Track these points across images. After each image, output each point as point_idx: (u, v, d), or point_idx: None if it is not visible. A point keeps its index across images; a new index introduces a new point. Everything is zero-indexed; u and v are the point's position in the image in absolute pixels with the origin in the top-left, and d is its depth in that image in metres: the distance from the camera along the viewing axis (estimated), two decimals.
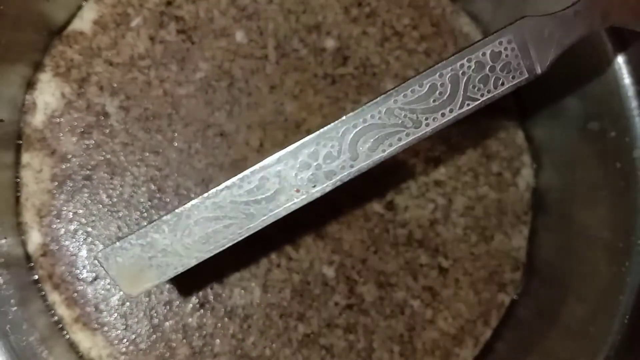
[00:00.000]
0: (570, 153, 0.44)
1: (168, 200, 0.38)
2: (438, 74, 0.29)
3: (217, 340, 0.38)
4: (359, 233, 0.42)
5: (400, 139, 0.29)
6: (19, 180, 0.36)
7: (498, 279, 0.44)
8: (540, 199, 0.46)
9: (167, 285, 0.37)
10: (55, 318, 0.36)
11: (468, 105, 0.29)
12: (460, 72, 0.29)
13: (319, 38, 0.43)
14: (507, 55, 0.29)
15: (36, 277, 0.36)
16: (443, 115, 0.29)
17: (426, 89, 0.29)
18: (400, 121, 0.29)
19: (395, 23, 0.44)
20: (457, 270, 0.43)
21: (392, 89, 0.29)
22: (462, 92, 0.29)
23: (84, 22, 0.38)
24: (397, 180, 0.43)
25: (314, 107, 0.42)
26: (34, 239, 0.36)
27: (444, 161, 0.44)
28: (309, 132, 0.41)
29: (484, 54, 0.29)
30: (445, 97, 0.29)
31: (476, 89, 0.29)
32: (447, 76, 0.29)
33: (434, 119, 0.29)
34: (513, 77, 0.30)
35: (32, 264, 0.36)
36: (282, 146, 0.38)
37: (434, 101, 0.29)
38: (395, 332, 0.41)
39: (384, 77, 0.44)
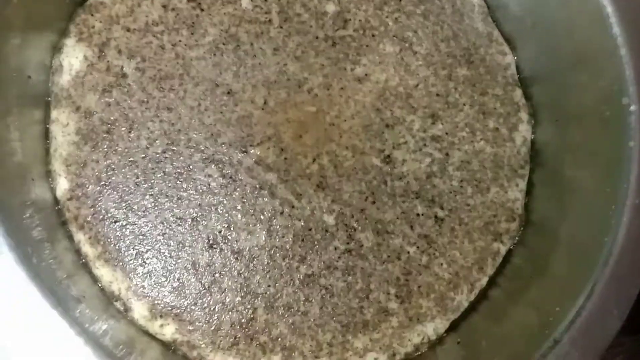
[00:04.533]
0: (564, 109, 0.46)
1: (180, 152, 0.42)
2: None
3: (225, 278, 0.41)
4: (358, 185, 0.44)
5: None
6: (48, 133, 0.41)
7: (493, 228, 0.46)
8: (538, 154, 0.48)
9: (178, 227, 0.41)
10: (81, 255, 0.40)
11: None
12: None
13: (320, 3, 0.46)
14: None
15: (64, 219, 0.40)
16: None
17: None
18: None
19: None
20: (452, 219, 0.45)
21: None
22: None
23: None
24: (395, 135, 0.45)
25: (315, 68, 0.45)
26: (62, 185, 0.41)
27: (441, 118, 0.46)
28: (310, 91, 0.44)
29: None
30: None
31: None
32: None
33: None
34: None
35: (60, 207, 0.41)
36: (285, 104, 0.42)
37: None
38: (392, 276, 0.44)
39: (382, 39, 0.46)
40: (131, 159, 0.42)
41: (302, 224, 0.43)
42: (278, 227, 0.43)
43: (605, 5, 0.40)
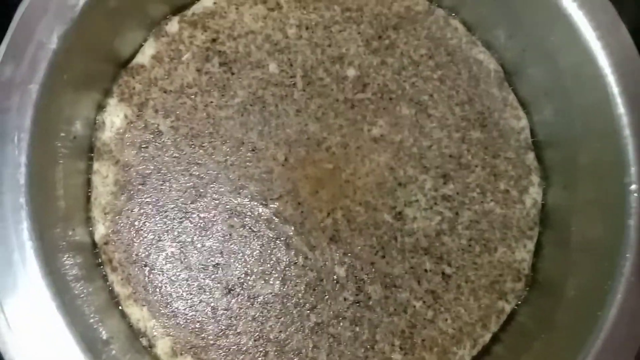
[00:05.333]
0: (574, 174, 0.47)
1: (207, 203, 0.46)
2: None
3: (241, 322, 0.45)
4: (369, 239, 0.47)
5: None
6: (90, 183, 0.46)
7: (499, 287, 0.48)
8: (548, 216, 0.49)
9: (200, 273, 0.45)
10: (113, 294, 0.45)
11: None
12: None
13: (342, 68, 0.49)
14: None
15: (100, 261, 0.45)
16: None
17: None
18: None
19: (413, 53, 0.50)
20: (459, 277, 0.48)
21: None
22: None
23: (144, 56, 0.47)
24: (407, 194, 0.48)
25: (334, 128, 0.48)
26: (100, 231, 0.45)
27: (453, 178, 0.49)
28: (328, 150, 0.48)
29: None
30: None
31: None
32: None
33: None
34: None
35: (97, 250, 0.45)
36: (304, 161, 0.45)
37: None
38: (397, 328, 0.46)
39: (399, 102, 0.49)
40: (162, 209, 0.46)
41: (315, 274, 0.47)
42: (292, 276, 0.46)
43: (613, 85, 0.42)
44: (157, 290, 0.45)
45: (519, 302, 0.49)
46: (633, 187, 0.40)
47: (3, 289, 0.36)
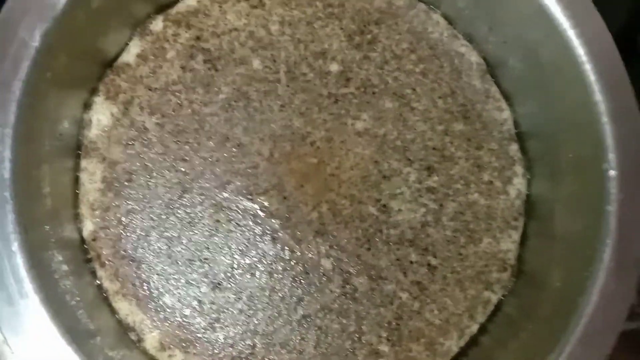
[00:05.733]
0: (557, 164, 0.47)
1: (193, 198, 0.47)
2: None
3: (228, 316, 0.46)
4: (355, 232, 0.48)
5: None
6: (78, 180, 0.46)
7: (485, 278, 0.48)
8: (533, 207, 0.50)
9: (187, 268, 0.45)
10: (102, 290, 0.45)
11: None
12: None
13: (325, 63, 0.50)
14: None
15: (88, 257, 0.46)
16: None
17: None
18: None
19: (395, 47, 0.50)
20: (445, 268, 0.48)
21: None
22: None
23: (130, 55, 0.48)
24: (391, 186, 0.48)
25: (318, 122, 0.49)
26: (88, 227, 0.46)
27: (437, 170, 0.49)
28: (313, 144, 0.48)
29: None
30: None
31: None
32: None
33: None
34: None
35: (86, 247, 0.46)
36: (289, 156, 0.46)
37: None
38: (384, 320, 0.47)
39: (382, 96, 0.50)
40: (149, 204, 0.47)
41: (301, 267, 0.47)
42: (278, 269, 0.47)
43: (589, 74, 0.42)
44: (145, 285, 0.46)
45: (505, 293, 0.49)
46: (611, 172, 0.41)
47: None
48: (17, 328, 0.36)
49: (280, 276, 0.47)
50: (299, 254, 0.47)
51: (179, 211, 0.47)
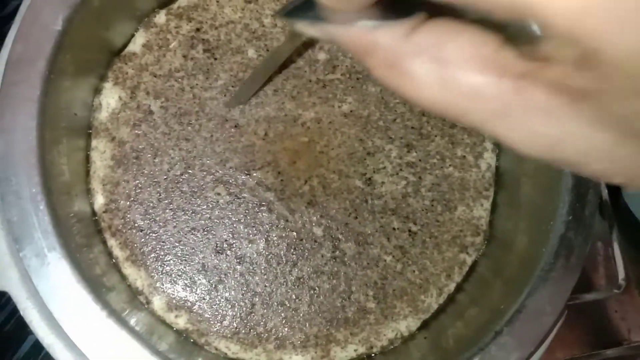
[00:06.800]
0: None
1: (195, 174, 0.51)
2: None
3: (229, 278, 0.50)
4: (343, 203, 0.53)
5: None
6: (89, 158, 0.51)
7: (460, 242, 0.54)
8: (501, 178, 0.56)
9: (192, 236, 0.50)
10: (113, 257, 0.49)
11: None
12: None
13: (313, 52, 0.55)
14: None
15: (99, 228, 0.50)
16: None
17: None
18: None
19: None
20: (424, 233, 0.53)
21: None
22: None
23: (136, 45, 0.53)
24: (375, 162, 0.54)
25: (308, 105, 0.54)
26: (99, 201, 0.50)
27: (415, 147, 0.55)
28: (303, 125, 0.53)
29: None
30: None
31: None
32: None
33: None
34: None
35: (97, 218, 0.50)
36: (282, 135, 0.50)
37: None
38: (370, 280, 0.51)
39: (365, 81, 0.55)
40: (155, 179, 0.51)
41: (295, 235, 0.52)
42: (274, 237, 0.51)
43: None
44: (152, 252, 0.50)
45: (479, 255, 0.54)
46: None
47: (20, 239, 0.40)
48: (45, 277, 0.40)
49: (276, 243, 0.51)
50: (292, 223, 0.52)
51: (183, 185, 0.51)
